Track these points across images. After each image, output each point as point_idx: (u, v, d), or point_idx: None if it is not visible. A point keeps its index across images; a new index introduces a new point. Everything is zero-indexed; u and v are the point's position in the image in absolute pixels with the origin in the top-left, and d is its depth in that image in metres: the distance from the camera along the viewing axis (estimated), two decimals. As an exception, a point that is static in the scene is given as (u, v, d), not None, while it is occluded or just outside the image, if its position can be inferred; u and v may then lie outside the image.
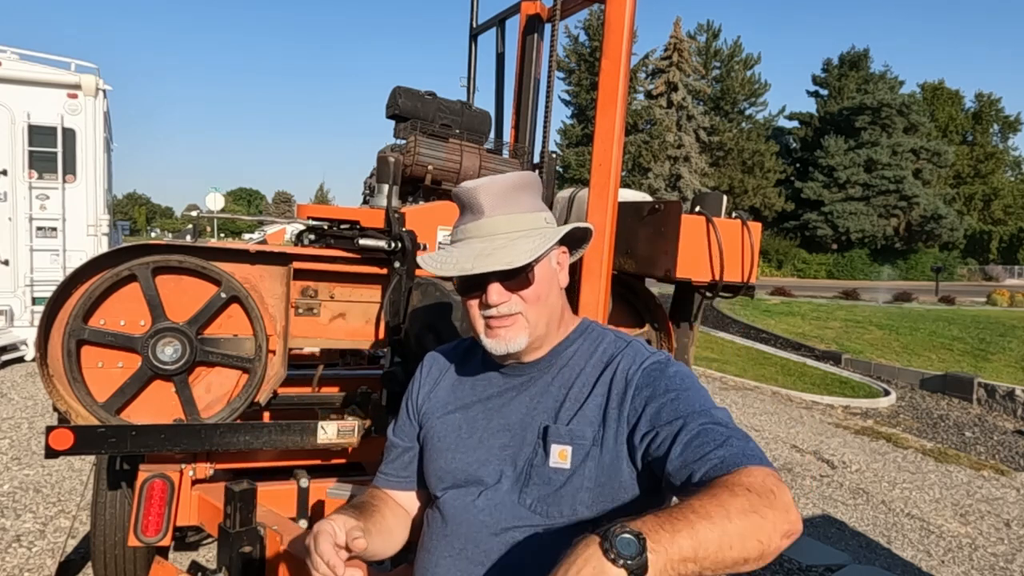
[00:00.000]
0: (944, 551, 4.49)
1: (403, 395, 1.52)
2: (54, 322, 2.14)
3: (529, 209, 1.29)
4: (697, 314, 3.07)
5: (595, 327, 1.40)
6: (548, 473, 1.24)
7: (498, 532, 1.25)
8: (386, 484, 1.49)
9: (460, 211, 1.33)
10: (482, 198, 1.27)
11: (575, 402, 1.27)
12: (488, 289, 1.24)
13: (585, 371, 1.31)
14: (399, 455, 1.47)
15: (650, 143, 43.14)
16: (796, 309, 16.97)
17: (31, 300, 8.07)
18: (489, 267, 1.21)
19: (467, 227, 1.29)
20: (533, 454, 1.27)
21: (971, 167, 53.35)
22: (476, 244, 1.26)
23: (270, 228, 17.17)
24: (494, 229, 1.26)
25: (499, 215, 1.27)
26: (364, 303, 2.56)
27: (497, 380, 1.38)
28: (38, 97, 8.04)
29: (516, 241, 1.24)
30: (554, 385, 1.31)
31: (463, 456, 1.33)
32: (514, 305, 1.26)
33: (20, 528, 3.88)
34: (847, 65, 50.09)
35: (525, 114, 3.28)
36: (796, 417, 8.08)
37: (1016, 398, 9.32)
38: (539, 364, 1.34)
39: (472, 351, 1.46)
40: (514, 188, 1.29)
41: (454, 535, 1.29)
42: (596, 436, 1.23)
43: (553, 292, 1.31)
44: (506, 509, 1.26)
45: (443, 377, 1.47)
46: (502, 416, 1.33)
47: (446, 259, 1.27)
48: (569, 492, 1.22)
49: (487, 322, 1.28)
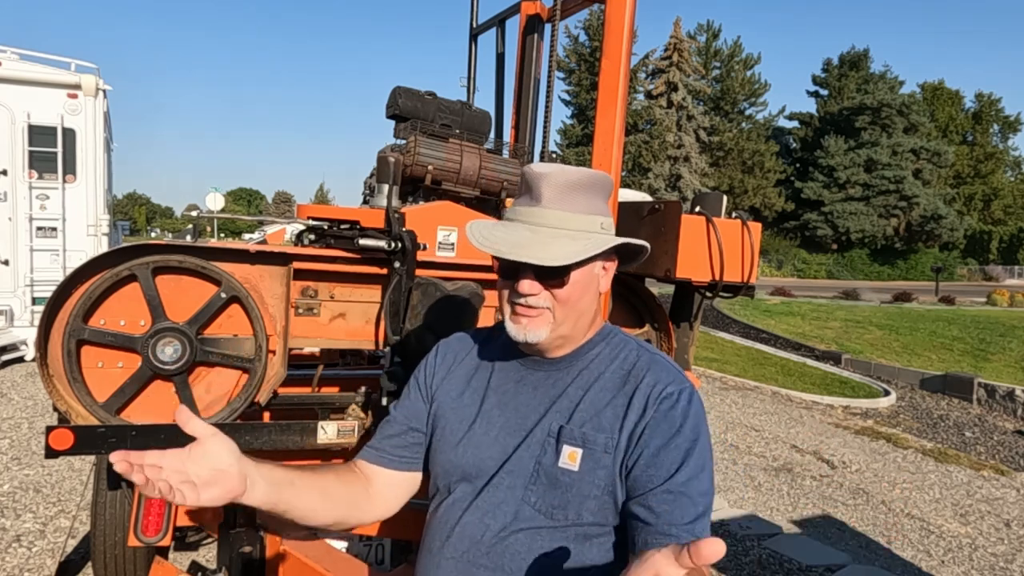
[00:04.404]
0: (944, 551, 4.49)
1: (410, 377, 1.47)
2: (54, 322, 2.14)
3: (587, 211, 1.25)
4: (697, 314, 3.07)
5: (617, 333, 1.38)
6: (556, 473, 1.23)
7: (503, 534, 1.24)
8: (373, 458, 1.42)
9: (520, 191, 1.30)
10: (543, 186, 1.23)
11: (591, 406, 1.26)
12: (521, 279, 1.22)
13: (604, 376, 1.29)
14: (399, 433, 1.42)
15: (650, 143, 43.13)
16: (796, 309, 16.97)
17: (31, 300, 8.07)
18: (522, 258, 1.17)
19: (520, 210, 1.26)
20: (542, 453, 1.25)
21: (971, 167, 53.34)
22: (522, 230, 1.23)
23: (270, 228, 17.17)
24: (544, 220, 1.23)
25: (554, 208, 1.23)
26: (364, 303, 2.56)
27: (514, 372, 1.35)
28: (38, 97, 8.04)
29: (560, 239, 1.21)
30: (572, 386, 1.29)
31: (473, 451, 1.31)
32: (543, 300, 1.24)
33: (20, 528, 3.88)
34: (847, 65, 50.09)
35: (525, 114, 3.28)
36: (796, 417, 8.08)
37: (1016, 398, 9.32)
38: (559, 363, 1.32)
39: (490, 341, 1.44)
40: (579, 185, 1.24)
41: (458, 536, 1.27)
42: (609, 444, 1.22)
43: (587, 297, 1.28)
44: (511, 508, 1.25)
45: (457, 365, 1.43)
46: (515, 411, 1.31)
47: (489, 234, 1.24)
48: (576, 496, 1.21)
49: (514, 308, 1.26)
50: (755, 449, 6.57)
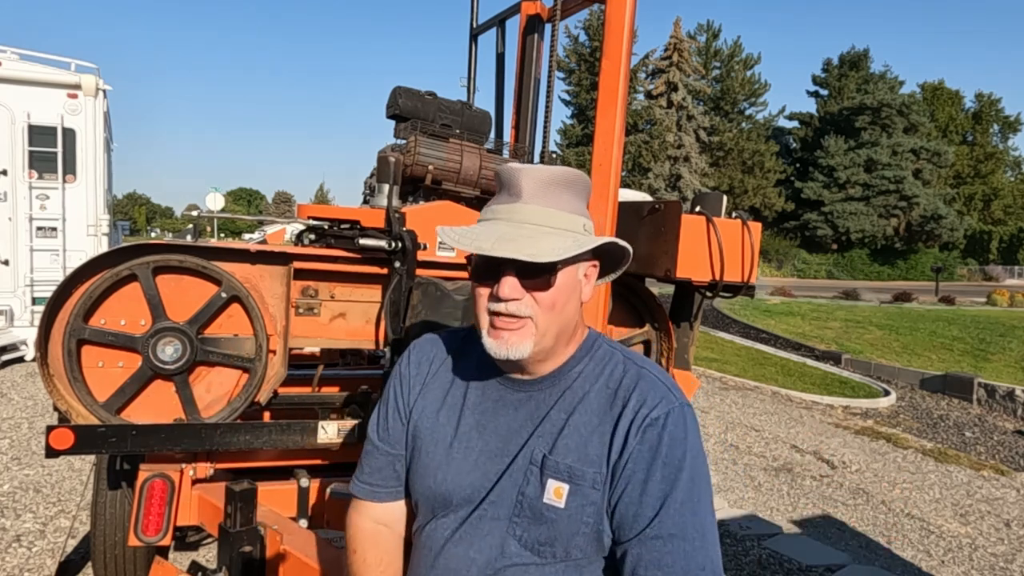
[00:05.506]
0: (944, 551, 4.49)
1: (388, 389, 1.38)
2: (54, 322, 2.14)
3: (569, 209, 1.18)
4: (697, 314, 3.07)
5: (602, 343, 1.28)
6: (541, 508, 1.15)
7: (489, 573, 1.17)
8: (372, 496, 1.34)
9: (497, 190, 1.23)
10: (523, 182, 1.16)
11: (576, 432, 1.17)
12: (502, 281, 1.13)
13: (589, 397, 1.20)
14: (388, 463, 1.33)
15: (650, 143, 43.11)
16: (796, 309, 16.98)
17: (31, 300, 8.07)
18: (509, 253, 1.08)
19: (499, 208, 1.18)
20: (525, 483, 1.17)
21: (971, 167, 53.32)
22: (503, 227, 1.14)
23: (270, 228, 17.14)
24: (526, 217, 1.15)
25: (536, 204, 1.15)
26: (364, 303, 2.56)
27: (493, 390, 1.26)
28: (38, 97, 8.04)
29: (545, 236, 1.12)
30: (555, 409, 1.20)
31: (453, 477, 1.23)
32: (525, 307, 1.14)
33: (20, 528, 3.88)
34: (847, 65, 50.08)
35: (525, 114, 3.28)
36: (796, 417, 8.08)
37: (1016, 398, 9.33)
38: (541, 383, 1.23)
39: (468, 345, 1.33)
40: (560, 182, 1.18)
41: (443, 568, 1.20)
42: (597, 480, 1.15)
43: (571, 304, 1.19)
44: (496, 541, 1.18)
45: (433, 375, 1.32)
46: (495, 433, 1.23)
47: (466, 234, 1.15)
48: (564, 533, 1.15)
49: (493, 319, 1.16)
50: (755, 449, 6.57)
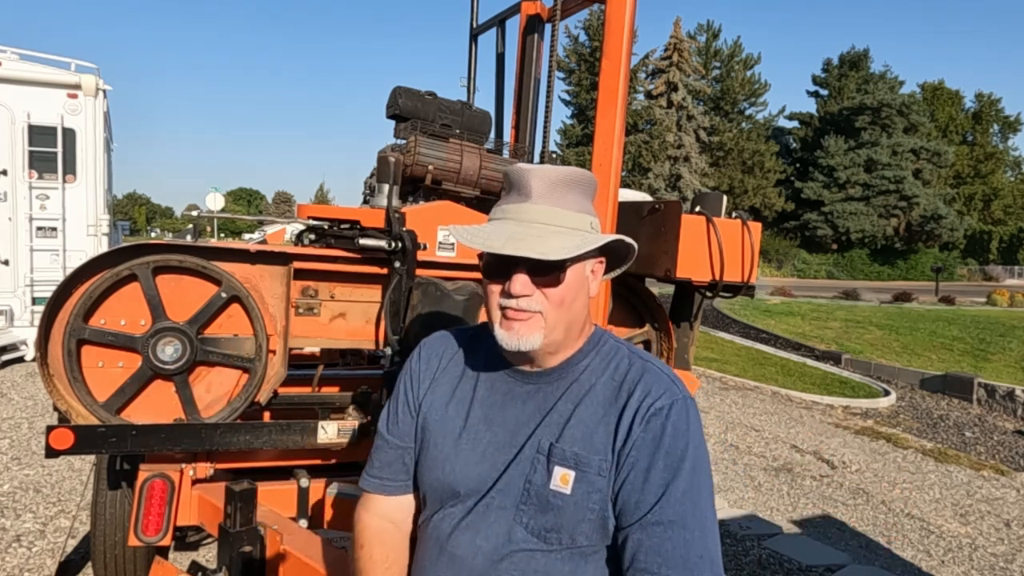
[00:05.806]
0: (944, 551, 4.49)
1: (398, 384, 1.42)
2: (54, 322, 2.14)
3: (577, 208, 1.22)
4: (697, 314, 3.07)
5: (608, 339, 1.33)
6: (547, 495, 1.19)
7: (495, 558, 1.20)
8: (382, 490, 1.39)
9: (506, 191, 1.26)
10: (533, 182, 1.20)
11: (582, 422, 1.22)
12: (513, 278, 1.18)
13: (596, 389, 1.24)
14: (397, 456, 1.37)
15: (650, 143, 43.12)
16: (796, 309, 16.98)
17: (31, 300, 8.07)
18: (520, 251, 1.13)
19: (508, 207, 1.22)
20: (532, 471, 1.21)
21: (971, 167, 53.32)
22: (512, 226, 1.19)
23: (270, 228, 17.15)
24: (535, 216, 1.19)
25: (545, 204, 1.20)
26: (364, 303, 2.56)
27: (502, 383, 1.30)
28: (38, 97, 8.04)
29: (554, 235, 1.17)
30: (562, 400, 1.24)
31: (461, 468, 1.27)
32: (535, 303, 1.19)
33: (20, 528, 3.88)
34: (847, 65, 50.08)
35: (525, 114, 3.28)
36: (796, 417, 8.08)
37: (1016, 398, 9.33)
38: (548, 375, 1.27)
39: (477, 342, 1.38)
40: (568, 182, 1.22)
41: (449, 556, 1.24)
42: (603, 467, 1.18)
43: (579, 300, 1.23)
44: (503, 529, 1.21)
45: (443, 370, 1.37)
46: (503, 426, 1.27)
47: (477, 233, 1.20)
48: (570, 520, 1.18)
49: (504, 312, 1.20)
50: (755, 449, 6.57)
